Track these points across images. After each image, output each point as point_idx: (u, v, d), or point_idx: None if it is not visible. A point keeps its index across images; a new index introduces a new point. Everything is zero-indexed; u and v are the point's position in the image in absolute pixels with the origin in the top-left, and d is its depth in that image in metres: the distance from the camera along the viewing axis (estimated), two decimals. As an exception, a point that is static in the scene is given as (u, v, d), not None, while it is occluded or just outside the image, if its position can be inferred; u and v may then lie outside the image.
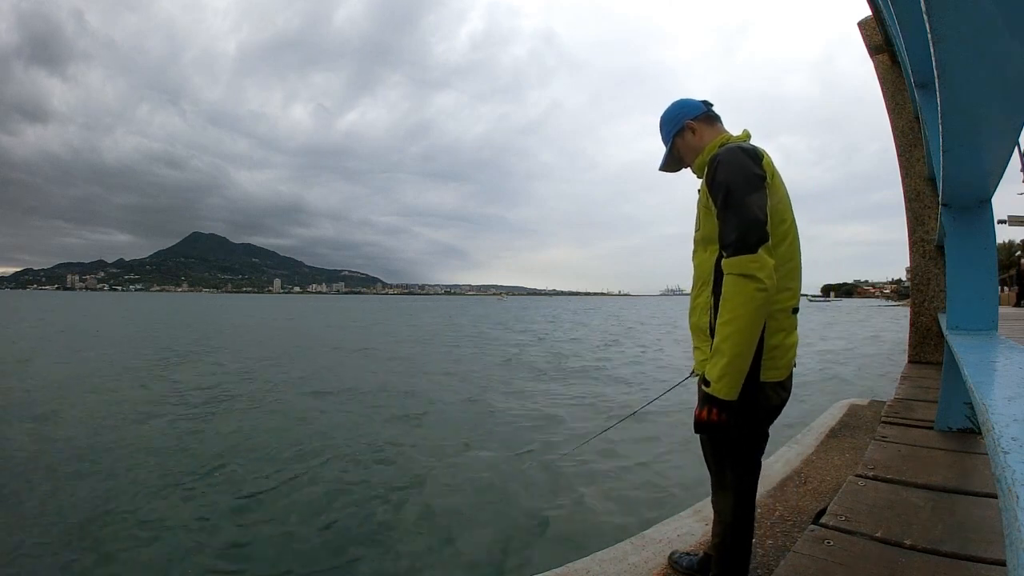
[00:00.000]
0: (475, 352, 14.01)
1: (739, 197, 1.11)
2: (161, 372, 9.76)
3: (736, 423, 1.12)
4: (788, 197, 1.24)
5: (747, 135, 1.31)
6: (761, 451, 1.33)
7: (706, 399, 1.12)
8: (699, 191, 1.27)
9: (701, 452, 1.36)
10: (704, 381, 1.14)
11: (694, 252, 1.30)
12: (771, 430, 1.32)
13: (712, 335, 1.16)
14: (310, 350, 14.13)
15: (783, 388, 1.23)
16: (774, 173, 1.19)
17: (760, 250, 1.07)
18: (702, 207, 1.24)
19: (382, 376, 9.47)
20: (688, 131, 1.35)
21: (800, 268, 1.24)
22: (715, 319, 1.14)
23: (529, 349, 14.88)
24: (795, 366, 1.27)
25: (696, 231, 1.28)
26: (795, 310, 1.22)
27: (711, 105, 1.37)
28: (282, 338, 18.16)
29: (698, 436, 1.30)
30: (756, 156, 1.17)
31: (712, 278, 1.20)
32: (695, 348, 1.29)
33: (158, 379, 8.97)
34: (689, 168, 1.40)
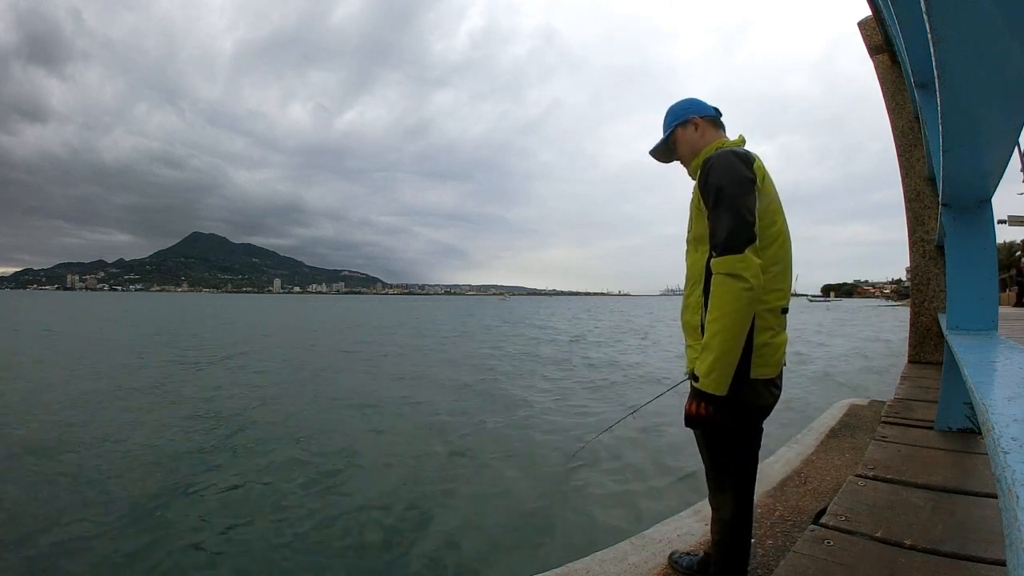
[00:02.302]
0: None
1: (729, 199, 1.13)
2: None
3: (726, 417, 1.15)
4: (779, 201, 1.27)
5: (742, 140, 1.35)
6: (757, 448, 1.34)
7: (696, 394, 1.15)
8: (692, 192, 1.30)
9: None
10: (694, 376, 1.16)
11: (686, 252, 1.33)
12: (772, 430, 1.32)
13: (703, 333, 1.18)
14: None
15: (774, 385, 1.25)
16: (765, 177, 1.22)
17: (747, 250, 1.09)
18: (694, 208, 1.27)
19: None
20: (692, 125, 1.38)
21: (790, 270, 1.27)
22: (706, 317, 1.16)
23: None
24: (785, 365, 1.29)
25: (688, 232, 1.32)
26: (784, 310, 1.25)
27: (721, 114, 1.41)
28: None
29: (696, 438, 1.32)
30: (747, 160, 1.20)
31: (703, 277, 1.22)
32: (687, 346, 1.31)
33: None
34: (679, 162, 1.44)
